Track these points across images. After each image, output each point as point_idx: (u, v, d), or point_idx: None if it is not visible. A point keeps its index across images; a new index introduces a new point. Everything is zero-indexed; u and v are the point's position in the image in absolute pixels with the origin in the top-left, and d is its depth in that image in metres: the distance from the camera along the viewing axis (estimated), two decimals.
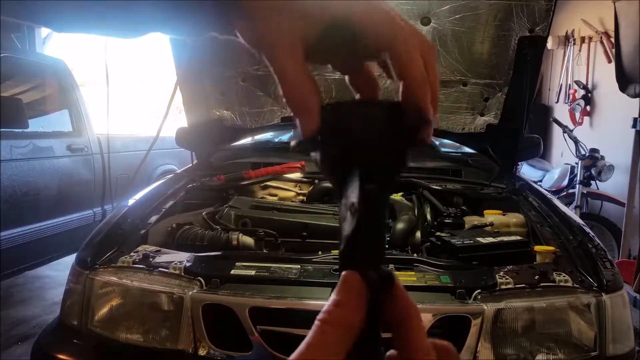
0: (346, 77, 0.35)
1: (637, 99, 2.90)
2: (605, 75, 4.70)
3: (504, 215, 1.80)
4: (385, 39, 0.31)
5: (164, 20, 0.33)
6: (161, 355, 1.27)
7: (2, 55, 2.84)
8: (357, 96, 0.35)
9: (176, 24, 0.33)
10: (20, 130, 2.88)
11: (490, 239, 1.51)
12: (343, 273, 0.29)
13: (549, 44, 5.38)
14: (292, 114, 0.30)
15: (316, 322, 0.27)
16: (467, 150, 2.52)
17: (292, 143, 0.31)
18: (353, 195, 0.30)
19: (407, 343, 0.29)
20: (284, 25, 0.30)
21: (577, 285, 1.28)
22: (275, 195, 2.13)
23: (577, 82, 5.05)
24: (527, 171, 4.86)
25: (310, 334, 0.27)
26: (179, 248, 1.50)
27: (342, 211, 0.31)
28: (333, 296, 0.28)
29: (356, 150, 0.30)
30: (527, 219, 1.76)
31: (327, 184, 2.00)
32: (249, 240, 1.56)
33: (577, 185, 4.01)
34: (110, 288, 1.34)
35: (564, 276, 1.29)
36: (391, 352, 0.30)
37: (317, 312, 0.28)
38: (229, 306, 1.24)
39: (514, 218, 1.77)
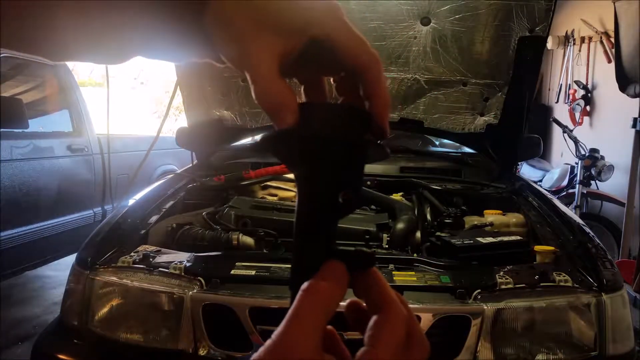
0: (302, 87, 0.38)
1: (637, 99, 2.90)
2: (605, 75, 4.69)
3: (504, 215, 1.80)
4: (361, 63, 0.34)
5: (146, 44, 0.35)
6: (161, 355, 1.27)
7: (2, 55, 2.84)
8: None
9: (158, 47, 0.35)
10: (20, 130, 2.88)
11: (490, 239, 1.51)
12: (325, 262, 0.32)
13: (549, 44, 5.38)
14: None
15: (300, 292, 0.30)
16: (467, 150, 2.52)
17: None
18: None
19: (380, 301, 0.32)
20: (265, 42, 0.31)
21: (577, 285, 1.28)
22: (275, 195, 2.12)
23: (577, 82, 5.05)
24: (527, 171, 4.86)
25: (294, 303, 0.30)
26: (179, 248, 1.50)
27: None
28: (316, 275, 0.31)
29: (323, 147, 0.33)
30: (527, 219, 1.76)
31: None
32: (249, 240, 1.56)
33: (577, 185, 4.00)
34: (111, 288, 1.34)
35: (564, 276, 1.29)
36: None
37: None
38: (229, 306, 1.24)
39: (514, 218, 1.77)
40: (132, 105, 9.31)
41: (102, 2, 0.32)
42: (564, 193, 4.28)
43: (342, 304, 0.32)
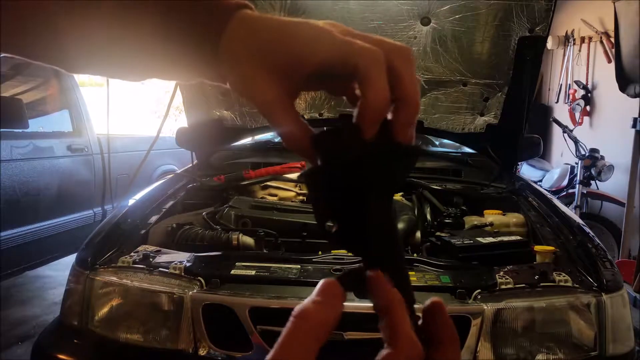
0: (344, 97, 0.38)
1: (637, 98, 2.90)
2: (605, 75, 4.69)
3: (504, 215, 1.80)
4: (350, 67, 0.32)
5: (160, 68, 0.37)
6: (161, 355, 1.27)
7: (2, 55, 2.83)
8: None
9: (171, 72, 0.38)
10: (20, 130, 2.88)
11: (490, 239, 1.51)
12: (321, 280, 0.32)
13: (549, 44, 5.38)
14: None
15: (291, 318, 0.29)
16: (467, 150, 2.52)
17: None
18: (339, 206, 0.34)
19: (390, 334, 0.30)
20: (270, 84, 0.32)
21: (577, 285, 1.28)
22: (275, 195, 2.12)
23: (577, 82, 5.05)
24: (527, 171, 4.86)
25: (285, 329, 0.29)
26: (179, 248, 1.50)
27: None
28: (311, 296, 0.31)
29: (345, 167, 0.32)
30: (527, 219, 1.76)
31: None
32: (249, 240, 1.56)
33: (577, 185, 4.00)
34: (111, 288, 1.34)
35: (564, 276, 1.30)
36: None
37: None
38: (229, 306, 1.25)
39: (514, 218, 1.77)
40: (132, 105, 9.31)
41: (108, 19, 0.34)
42: (564, 193, 4.28)
43: (350, 304, 0.32)
